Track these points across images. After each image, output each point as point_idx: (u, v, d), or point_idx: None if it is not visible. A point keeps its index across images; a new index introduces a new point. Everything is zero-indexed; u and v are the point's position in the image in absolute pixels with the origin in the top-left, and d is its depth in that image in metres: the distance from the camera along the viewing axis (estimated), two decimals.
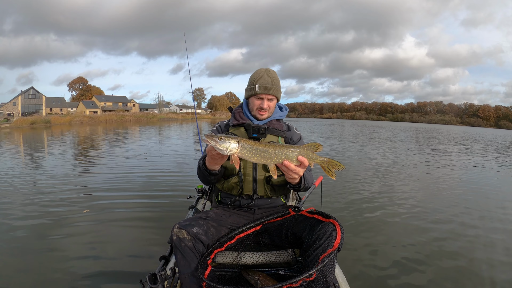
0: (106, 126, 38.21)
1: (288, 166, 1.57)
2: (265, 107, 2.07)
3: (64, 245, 3.68)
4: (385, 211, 5.18)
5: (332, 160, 1.63)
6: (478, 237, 4.16)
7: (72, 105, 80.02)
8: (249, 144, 1.56)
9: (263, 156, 1.57)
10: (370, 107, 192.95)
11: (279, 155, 1.57)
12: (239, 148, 1.54)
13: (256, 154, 1.56)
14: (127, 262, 3.29)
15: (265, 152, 1.56)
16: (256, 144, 1.57)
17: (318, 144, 1.61)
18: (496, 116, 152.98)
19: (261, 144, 1.58)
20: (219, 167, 1.86)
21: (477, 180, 8.26)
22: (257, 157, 1.57)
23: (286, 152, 1.58)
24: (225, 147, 1.52)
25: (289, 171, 1.60)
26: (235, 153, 1.54)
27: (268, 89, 2.04)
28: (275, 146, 1.59)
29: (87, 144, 16.55)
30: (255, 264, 1.94)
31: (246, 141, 1.56)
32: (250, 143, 1.56)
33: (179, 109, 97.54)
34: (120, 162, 9.96)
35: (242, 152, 1.55)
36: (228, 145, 1.52)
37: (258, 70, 2.11)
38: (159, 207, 5.17)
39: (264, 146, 1.57)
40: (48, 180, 7.10)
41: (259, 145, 1.57)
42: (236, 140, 1.53)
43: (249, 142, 1.56)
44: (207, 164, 1.83)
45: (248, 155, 1.56)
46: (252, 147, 1.56)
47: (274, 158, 1.58)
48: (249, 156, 1.56)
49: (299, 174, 1.63)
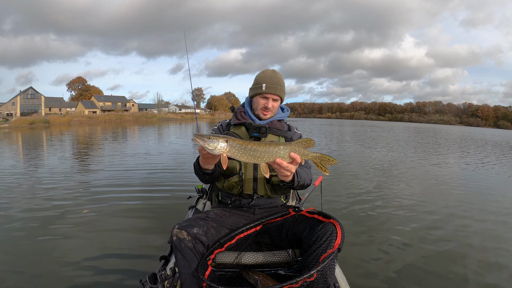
0: (105, 126, 38.14)
1: (281, 164, 1.55)
2: (270, 107, 2.08)
3: (64, 245, 3.67)
4: (385, 211, 5.18)
5: (324, 155, 1.61)
6: (478, 237, 4.16)
7: (71, 105, 79.90)
8: (238, 143, 1.53)
9: (252, 155, 1.54)
10: (369, 107, 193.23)
11: (270, 154, 1.54)
12: (228, 147, 1.51)
13: (245, 153, 1.53)
14: (127, 262, 3.28)
15: (255, 151, 1.54)
16: (246, 143, 1.54)
17: (309, 139, 1.59)
18: (495, 116, 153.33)
19: (251, 142, 1.55)
20: (212, 167, 1.86)
21: (478, 181, 8.27)
22: (246, 156, 1.54)
23: (277, 150, 1.55)
24: (213, 146, 1.50)
25: (281, 168, 1.58)
26: (224, 152, 1.52)
27: (274, 89, 2.05)
28: (265, 144, 1.56)
29: (87, 144, 16.51)
30: (255, 264, 1.93)
31: (235, 140, 1.53)
32: (239, 142, 1.54)
33: (178, 109, 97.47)
34: (120, 161, 9.95)
35: (231, 151, 1.52)
36: (217, 144, 1.50)
37: (265, 70, 2.13)
38: (159, 207, 5.16)
39: (254, 144, 1.54)
40: (47, 180, 7.08)
41: (248, 143, 1.54)
42: (225, 140, 1.51)
43: (238, 141, 1.54)
44: (200, 164, 1.83)
45: (237, 155, 1.53)
46: (241, 146, 1.53)
47: (265, 156, 1.55)
48: (239, 156, 1.54)
49: (291, 171, 1.61)
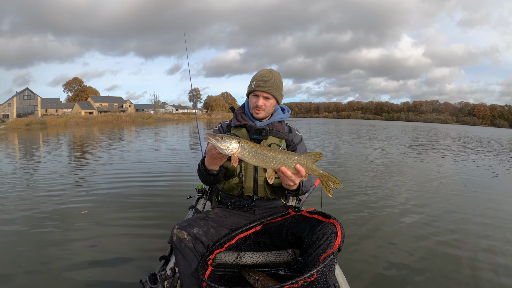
0: (102, 127, 38.00)
1: (285, 172, 1.57)
2: (260, 105, 2.04)
3: (63, 246, 3.65)
4: (385, 211, 5.20)
5: (331, 175, 1.61)
6: (479, 238, 4.18)
7: (67, 106, 79.39)
8: (249, 146, 1.55)
9: (261, 159, 1.56)
10: (366, 107, 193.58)
11: (278, 160, 1.57)
12: (239, 148, 1.54)
13: (255, 156, 1.56)
14: (127, 262, 3.28)
15: (264, 155, 1.56)
16: (256, 146, 1.57)
17: (319, 153, 1.60)
18: (491, 115, 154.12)
19: (261, 147, 1.57)
20: (218, 168, 1.86)
21: (479, 180, 8.32)
22: (255, 159, 1.56)
23: (285, 158, 1.57)
24: (225, 146, 1.52)
25: (285, 177, 1.59)
26: (235, 153, 1.54)
27: (263, 86, 2.01)
28: (275, 151, 1.58)
29: (84, 144, 16.43)
30: (255, 264, 1.94)
31: (247, 143, 1.56)
32: (251, 144, 1.56)
33: (175, 109, 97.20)
34: (118, 162, 9.92)
35: (242, 153, 1.55)
36: (229, 144, 1.52)
37: (261, 70, 2.11)
38: (159, 207, 5.16)
39: (264, 149, 1.57)
40: (44, 181, 7.04)
41: (259, 147, 1.56)
42: (237, 141, 1.54)
43: (250, 143, 1.56)
44: (206, 164, 1.83)
45: (247, 157, 1.56)
46: (252, 149, 1.56)
47: (273, 162, 1.57)
48: (248, 158, 1.56)
49: (295, 182, 1.62)
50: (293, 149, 2.11)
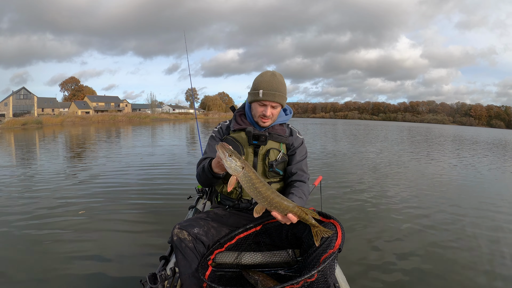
0: (99, 126, 37.83)
1: (275, 216, 1.58)
2: (268, 115, 1.95)
3: (62, 247, 3.64)
4: (385, 211, 5.22)
5: (322, 228, 1.58)
6: (480, 238, 4.18)
7: (64, 105, 78.91)
8: (250, 176, 1.55)
9: (256, 194, 1.57)
10: (363, 107, 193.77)
11: (270, 203, 1.56)
12: (241, 174, 1.54)
13: (251, 188, 1.56)
14: (127, 262, 3.28)
15: (259, 192, 1.56)
16: (257, 180, 1.55)
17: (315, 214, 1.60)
18: (488, 115, 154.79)
19: (261, 182, 1.56)
20: (224, 172, 1.84)
21: (478, 179, 8.35)
22: (251, 190, 1.57)
23: (278, 205, 1.56)
24: (229, 165, 1.53)
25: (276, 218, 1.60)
26: (235, 175, 1.55)
27: (272, 96, 1.91)
28: (272, 192, 1.56)
29: (81, 144, 16.36)
30: (255, 264, 1.94)
31: (250, 171, 1.55)
32: (253, 176, 1.55)
33: (172, 109, 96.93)
34: (117, 162, 9.88)
35: (242, 178, 1.55)
36: (233, 165, 1.53)
37: (264, 73, 1.97)
38: (158, 207, 5.14)
39: (263, 187, 1.56)
40: (42, 181, 7.00)
41: (259, 182, 1.55)
42: (242, 166, 1.54)
43: (252, 174, 1.55)
44: (213, 166, 1.80)
45: (244, 185, 1.57)
46: (251, 180, 1.55)
47: (265, 202, 1.57)
48: (245, 186, 1.57)
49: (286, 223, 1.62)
50: (293, 153, 2.07)
